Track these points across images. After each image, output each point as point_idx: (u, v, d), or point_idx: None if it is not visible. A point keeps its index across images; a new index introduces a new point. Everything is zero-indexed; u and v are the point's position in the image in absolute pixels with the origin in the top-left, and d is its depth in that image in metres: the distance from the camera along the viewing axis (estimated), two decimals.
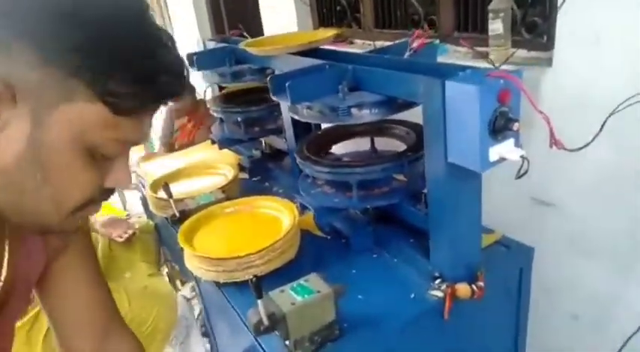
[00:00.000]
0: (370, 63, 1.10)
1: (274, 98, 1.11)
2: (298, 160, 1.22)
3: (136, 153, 3.47)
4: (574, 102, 1.17)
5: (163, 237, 1.95)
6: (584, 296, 1.46)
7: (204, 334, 1.76)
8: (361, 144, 1.37)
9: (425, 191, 1.04)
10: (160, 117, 3.25)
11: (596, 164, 1.21)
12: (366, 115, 1.03)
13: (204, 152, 2.01)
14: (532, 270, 1.18)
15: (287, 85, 0.99)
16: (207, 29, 3.63)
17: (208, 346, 1.73)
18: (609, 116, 0.92)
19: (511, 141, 0.86)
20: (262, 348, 0.96)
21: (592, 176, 1.25)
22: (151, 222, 1.97)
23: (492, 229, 1.20)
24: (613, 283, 1.36)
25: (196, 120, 2.98)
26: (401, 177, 1.19)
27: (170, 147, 3.06)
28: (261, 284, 0.88)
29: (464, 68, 0.90)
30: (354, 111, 1.03)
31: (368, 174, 1.11)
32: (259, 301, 0.88)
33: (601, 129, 0.90)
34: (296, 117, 1.14)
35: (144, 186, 1.87)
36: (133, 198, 3.73)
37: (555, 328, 1.57)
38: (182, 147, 2.93)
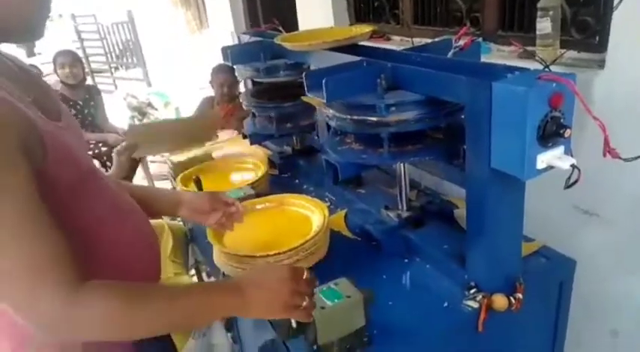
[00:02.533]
0: (410, 61, 1.05)
1: (309, 95, 1.08)
2: (327, 114, 1.15)
3: None
4: (628, 108, 1.09)
5: (194, 233, 1.96)
6: (625, 312, 1.38)
7: (227, 327, 1.75)
8: None
9: (464, 146, 0.92)
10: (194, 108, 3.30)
11: None
12: (405, 116, 1.00)
13: (234, 147, 2.00)
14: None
15: (324, 81, 0.96)
16: (241, 23, 3.64)
17: (231, 340, 1.72)
18: None
19: (561, 149, 0.81)
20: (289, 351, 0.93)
21: None
22: (184, 227, 1.99)
23: (532, 237, 1.15)
24: None
25: (227, 111, 3.01)
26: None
27: None
28: None
29: (512, 69, 0.85)
30: (392, 110, 0.99)
31: (400, 125, 1.00)
32: None
33: None
34: (332, 124, 1.11)
35: (174, 178, 1.88)
36: (163, 186, 3.79)
37: (592, 344, 1.50)
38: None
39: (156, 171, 3.91)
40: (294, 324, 0.86)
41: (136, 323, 0.68)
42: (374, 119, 1.01)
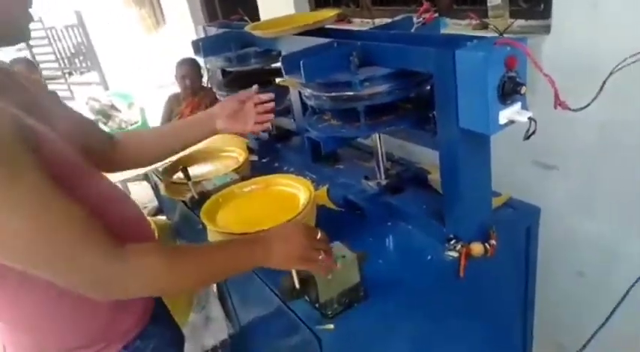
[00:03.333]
0: (378, 38, 1.14)
1: (287, 78, 1.15)
2: (304, 94, 1.24)
3: None
4: (574, 67, 1.22)
5: (180, 226, 1.99)
6: (588, 253, 1.53)
7: (220, 298, 1.79)
8: None
9: (433, 113, 1.04)
10: (159, 107, 3.30)
11: (596, 125, 1.27)
12: (378, 89, 1.08)
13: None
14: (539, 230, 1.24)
15: (301, 63, 1.04)
16: (200, 17, 3.64)
17: (224, 314, 1.77)
18: (608, 76, 0.97)
19: (519, 105, 0.92)
20: (293, 312, 1.01)
21: (593, 137, 1.31)
22: (169, 221, 2.01)
23: (499, 192, 1.27)
24: (615, 239, 1.43)
25: (193, 105, 3.04)
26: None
27: None
28: None
29: (471, 38, 0.95)
30: (366, 84, 1.08)
31: (375, 98, 1.09)
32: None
33: (601, 89, 0.95)
34: (310, 103, 1.18)
35: (156, 174, 1.91)
36: (136, 189, 3.77)
37: (561, 284, 1.65)
38: None
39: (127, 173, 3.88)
40: (297, 285, 0.95)
41: (182, 276, 0.75)
42: (350, 94, 1.10)
